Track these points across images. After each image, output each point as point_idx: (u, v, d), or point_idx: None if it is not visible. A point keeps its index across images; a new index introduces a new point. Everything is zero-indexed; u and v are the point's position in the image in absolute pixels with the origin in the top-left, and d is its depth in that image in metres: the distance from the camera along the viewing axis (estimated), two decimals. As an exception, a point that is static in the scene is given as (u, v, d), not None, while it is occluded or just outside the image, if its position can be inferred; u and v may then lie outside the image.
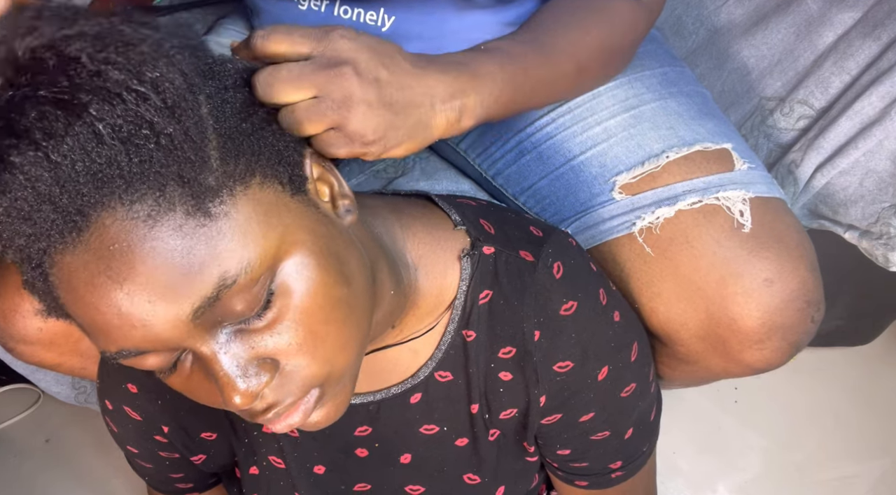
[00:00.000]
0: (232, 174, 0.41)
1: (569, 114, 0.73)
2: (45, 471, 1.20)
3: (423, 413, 0.62)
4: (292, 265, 0.43)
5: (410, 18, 0.70)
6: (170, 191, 0.39)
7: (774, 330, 0.64)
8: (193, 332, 0.41)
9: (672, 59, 0.79)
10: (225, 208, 0.40)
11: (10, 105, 0.37)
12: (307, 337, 0.44)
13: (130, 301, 0.39)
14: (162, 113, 0.38)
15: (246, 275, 0.40)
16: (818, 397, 1.21)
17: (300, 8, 0.71)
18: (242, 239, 0.40)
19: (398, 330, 0.58)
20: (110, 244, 0.38)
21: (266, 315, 0.43)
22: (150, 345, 0.41)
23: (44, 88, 0.37)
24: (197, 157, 0.39)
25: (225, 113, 0.42)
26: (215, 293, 0.40)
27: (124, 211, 0.38)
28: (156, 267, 0.38)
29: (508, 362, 0.59)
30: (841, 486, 1.12)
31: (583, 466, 0.66)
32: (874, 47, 0.86)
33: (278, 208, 0.43)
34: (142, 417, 0.65)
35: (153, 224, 0.38)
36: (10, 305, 0.69)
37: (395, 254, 0.55)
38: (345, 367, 0.47)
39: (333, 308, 0.44)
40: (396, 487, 0.67)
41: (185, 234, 0.39)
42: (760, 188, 0.67)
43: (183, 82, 0.40)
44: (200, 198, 0.39)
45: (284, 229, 0.43)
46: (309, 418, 0.47)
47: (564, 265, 0.58)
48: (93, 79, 0.37)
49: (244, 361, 0.43)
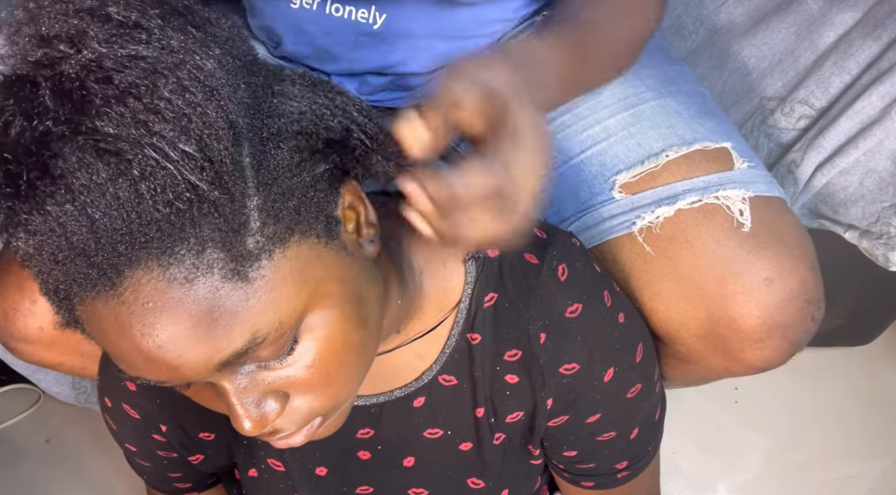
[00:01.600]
0: (272, 236, 0.40)
1: (568, 113, 0.73)
2: (45, 471, 1.20)
3: (426, 417, 0.62)
4: (319, 316, 0.43)
5: (402, 16, 0.70)
6: (208, 255, 0.38)
7: (775, 329, 0.64)
8: (217, 373, 0.41)
9: (671, 57, 0.79)
10: (262, 271, 0.39)
11: (47, 140, 0.35)
12: (321, 378, 0.44)
13: (160, 353, 0.39)
14: (206, 175, 0.37)
15: (276, 332, 0.41)
16: (819, 397, 1.21)
17: (292, 6, 0.71)
18: (277, 300, 0.40)
19: (402, 333, 0.58)
20: (144, 302, 0.37)
21: (287, 358, 0.43)
22: (172, 382, 0.42)
23: (86, 132, 0.35)
24: (238, 222, 0.38)
25: (269, 167, 0.40)
26: (244, 349, 0.40)
27: (161, 271, 0.37)
28: (189, 326, 0.38)
29: (514, 365, 0.59)
30: (842, 486, 1.12)
31: (589, 467, 0.66)
32: (874, 47, 0.87)
33: (313, 263, 0.42)
34: (140, 415, 0.65)
35: (189, 286, 0.38)
36: (11, 305, 0.69)
37: (400, 258, 0.55)
38: (348, 396, 0.48)
39: (349, 352, 0.45)
40: (399, 490, 0.66)
41: (220, 297, 0.38)
42: (760, 187, 0.67)
43: (230, 135, 0.37)
44: (239, 263, 0.39)
45: (317, 283, 0.42)
46: None
47: (569, 267, 0.58)
48: (139, 128, 0.35)
49: (259, 396, 0.44)
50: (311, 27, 0.72)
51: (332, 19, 0.71)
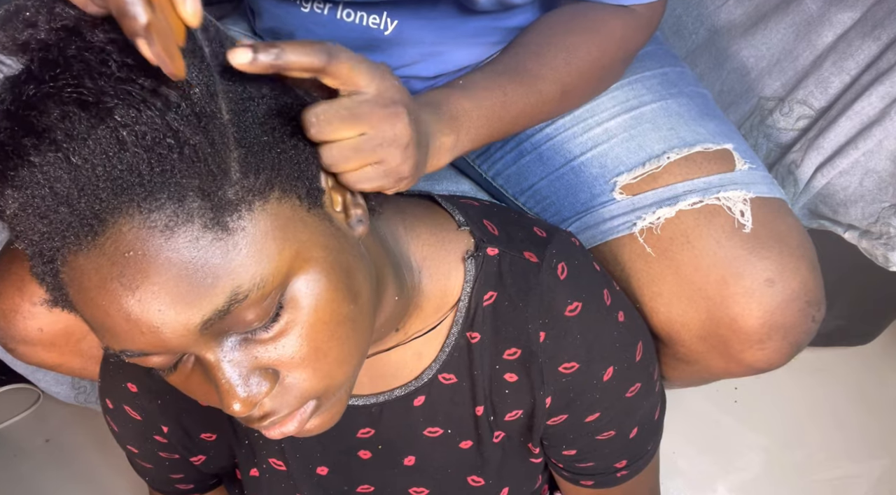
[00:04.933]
0: (252, 188, 0.40)
1: (569, 115, 0.73)
2: (45, 471, 1.20)
3: (426, 415, 0.62)
4: (303, 281, 0.43)
5: (414, 23, 0.70)
6: (189, 203, 0.38)
7: (775, 330, 0.64)
8: (200, 340, 0.41)
9: (672, 59, 0.79)
10: (242, 223, 0.40)
11: (33, 100, 0.37)
12: (310, 351, 0.44)
13: (141, 308, 0.39)
14: (189, 122, 0.38)
15: (258, 290, 0.40)
16: (818, 397, 1.21)
17: (302, 10, 0.71)
18: (258, 254, 0.40)
19: (402, 332, 0.58)
20: (125, 251, 0.38)
21: (273, 327, 0.43)
22: (155, 349, 0.41)
23: (69, 87, 0.36)
24: (219, 170, 0.39)
25: (247, 123, 0.41)
26: (226, 306, 0.40)
27: (142, 219, 0.37)
28: (169, 277, 0.38)
29: (514, 363, 0.59)
30: (841, 486, 1.12)
31: (588, 466, 0.66)
32: (874, 47, 0.87)
33: (294, 224, 0.42)
34: (142, 417, 0.65)
35: (170, 234, 0.38)
36: (11, 306, 0.69)
37: (399, 256, 0.55)
38: (343, 380, 0.47)
39: (339, 324, 0.44)
40: (400, 489, 0.66)
41: (200, 247, 0.38)
42: (761, 188, 0.68)
43: (210, 88, 0.39)
44: (219, 212, 0.39)
45: (300, 245, 0.42)
46: (304, 426, 0.47)
47: (569, 266, 0.58)
48: (120, 82, 0.37)
49: (246, 370, 0.43)
50: (322, 31, 0.72)
51: (343, 24, 0.70)
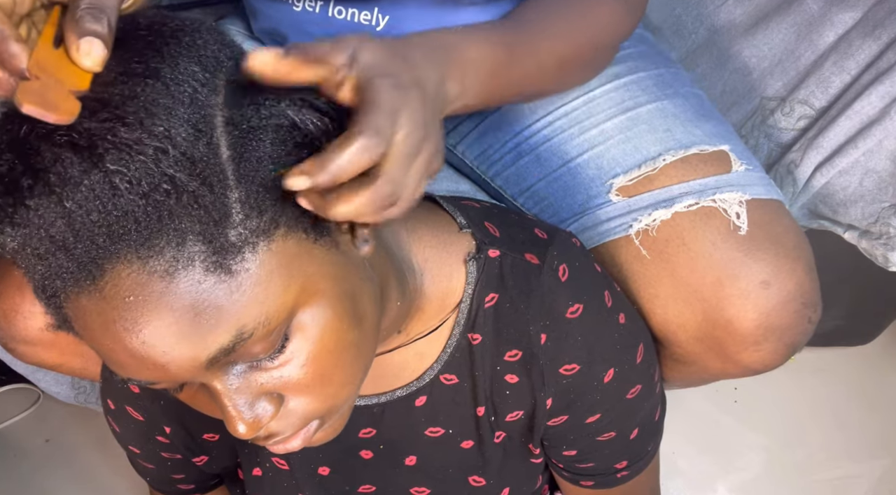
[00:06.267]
0: (255, 229, 0.39)
1: (565, 116, 0.73)
2: (45, 471, 1.20)
3: (428, 416, 0.62)
4: (309, 313, 0.42)
5: (405, 17, 0.70)
6: (189, 248, 0.37)
7: (771, 331, 0.64)
8: (207, 373, 0.41)
9: (666, 60, 0.79)
10: (246, 264, 0.39)
11: (28, 140, 0.36)
12: (315, 378, 0.44)
13: (145, 349, 0.38)
14: (183, 167, 0.37)
15: (264, 327, 0.40)
16: (818, 397, 1.21)
17: (294, 9, 0.71)
18: (263, 294, 0.39)
19: (404, 333, 0.58)
20: (126, 296, 0.37)
21: (279, 357, 0.43)
22: (161, 381, 0.41)
23: (61, 129, 0.36)
24: (219, 213, 0.38)
25: (249, 159, 0.39)
26: (231, 345, 0.39)
27: (140, 264, 0.37)
28: (172, 320, 0.38)
29: (515, 365, 0.59)
30: (841, 486, 1.12)
31: (588, 466, 0.66)
32: (874, 47, 0.87)
33: (301, 258, 0.41)
34: (144, 417, 0.65)
35: (171, 279, 0.37)
36: (11, 305, 0.69)
37: (401, 259, 0.55)
38: (347, 399, 0.47)
39: (343, 351, 0.44)
40: (401, 489, 0.67)
41: (203, 291, 0.38)
42: (758, 190, 0.67)
43: (206, 125, 0.38)
44: (221, 255, 0.38)
45: (305, 279, 0.41)
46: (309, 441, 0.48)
47: (570, 267, 0.58)
48: (112, 123, 0.36)
49: (252, 397, 0.43)
50: (315, 29, 0.72)
51: (335, 21, 0.71)
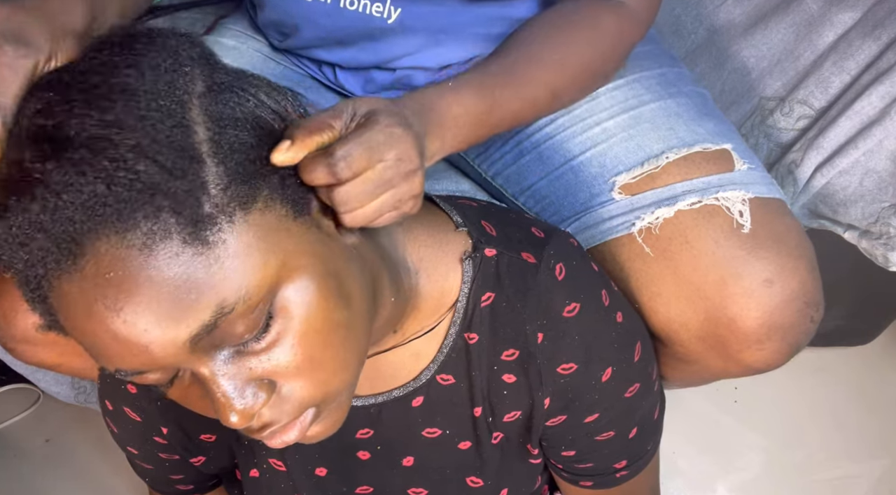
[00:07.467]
0: (232, 200, 0.40)
1: (568, 114, 0.73)
2: (45, 471, 1.20)
3: (425, 416, 0.62)
4: (292, 290, 0.42)
5: (417, 11, 0.70)
6: (165, 220, 0.38)
7: (774, 330, 0.64)
8: (192, 356, 0.41)
9: (670, 59, 0.79)
10: (223, 236, 0.39)
11: None
12: (305, 360, 0.43)
13: (127, 328, 0.38)
14: (156, 142, 0.38)
15: (244, 302, 0.40)
16: (818, 397, 1.21)
17: (306, 0, 0.72)
18: (241, 267, 0.40)
19: (399, 333, 0.58)
20: (106, 272, 0.37)
21: (265, 337, 0.42)
22: (147, 367, 0.41)
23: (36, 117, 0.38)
24: (194, 185, 0.38)
25: (227, 143, 0.40)
26: (213, 320, 0.39)
27: (118, 239, 0.37)
28: (152, 295, 0.38)
29: (512, 364, 0.59)
30: (841, 486, 1.12)
31: (588, 466, 0.66)
32: (874, 47, 0.87)
33: (279, 233, 0.42)
34: (141, 418, 0.65)
35: (149, 253, 0.37)
36: (11, 305, 0.69)
37: (395, 258, 0.55)
38: (342, 387, 0.47)
39: (332, 331, 0.44)
40: (399, 489, 0.66)
41: (181, 263, 0.38)
42: (760, 189, 0.68)
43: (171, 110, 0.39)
44: (198, 226, 0.38)
45: (285, 255, 0.42)
46: (306, 434, 0.47)
47: (566, 266, 0.58)
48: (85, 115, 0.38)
49: (242, 383, 0.43)
50: (325, 20, 0.72)
51: (346, 13, 0.71)
